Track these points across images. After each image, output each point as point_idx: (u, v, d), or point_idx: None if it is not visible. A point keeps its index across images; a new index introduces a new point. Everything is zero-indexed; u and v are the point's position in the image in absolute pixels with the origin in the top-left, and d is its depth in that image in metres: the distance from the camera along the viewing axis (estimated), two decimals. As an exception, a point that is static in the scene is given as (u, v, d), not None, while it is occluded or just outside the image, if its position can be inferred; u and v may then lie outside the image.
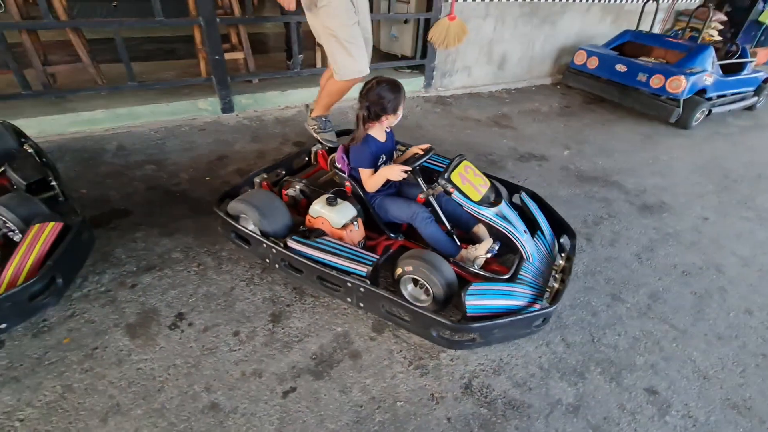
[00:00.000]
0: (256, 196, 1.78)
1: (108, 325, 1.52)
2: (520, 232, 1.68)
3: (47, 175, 1.93)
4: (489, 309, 1.44)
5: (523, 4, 4.10)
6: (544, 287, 1.62)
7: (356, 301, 1.58)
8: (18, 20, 2.57)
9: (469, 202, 1.66)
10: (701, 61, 3.72)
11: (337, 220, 1.72)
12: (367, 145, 1.74)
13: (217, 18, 2.81)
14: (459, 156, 1.74)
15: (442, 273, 1.50)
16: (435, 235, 1.72)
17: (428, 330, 1.45)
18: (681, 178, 2.96)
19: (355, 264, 1.52)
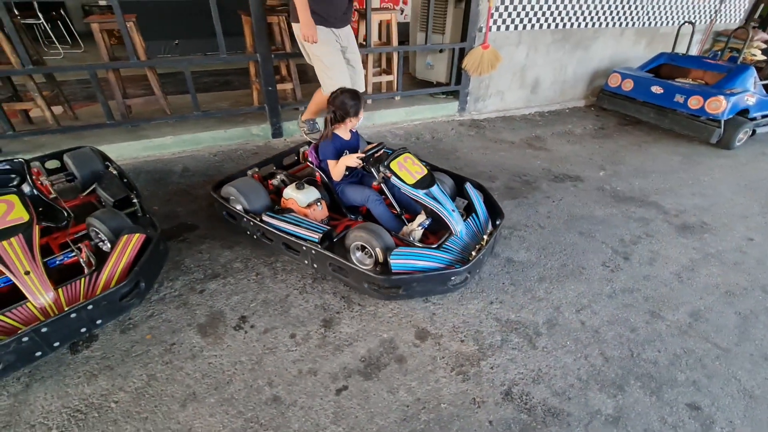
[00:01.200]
0: (243, 183, 2.21)
1: (182, 325, 1.73)
2: (448, 210, 2.01)
3: (130, 194, 2.22)
4: (411, 267, 1.77)
5: (555, 31, 4.24)
6: (467, 257, 1.90)
7: (311, 262, 1.97)
8: (106, 61, 2.98)
9: (404, 185, 2.01)
10: (742, 81, 3.68)
11: (303, 200, 2.12)
12: (332, 141, 2.14)
13: (271, 54, 3.12)
14: (402, 148, 2.16)
15: (382, 239, 1.82)
16: (383, 214, 2.09)
17: (362, 283, 1.82)
18: (723, 198, 2.92)
19: (310, 232, 1.92)
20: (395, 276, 1.75)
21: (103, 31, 3.02)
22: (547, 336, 1.74)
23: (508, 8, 3.84)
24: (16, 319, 1.52)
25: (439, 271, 1.79)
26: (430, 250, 1.86)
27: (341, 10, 2.62)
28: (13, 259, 1.57)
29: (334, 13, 2.59)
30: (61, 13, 6.08)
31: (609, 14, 4.46)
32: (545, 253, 2.25)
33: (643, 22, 4.75)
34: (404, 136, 3.69)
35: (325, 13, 2.54)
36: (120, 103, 3.17)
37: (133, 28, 2.96)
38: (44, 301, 1.57)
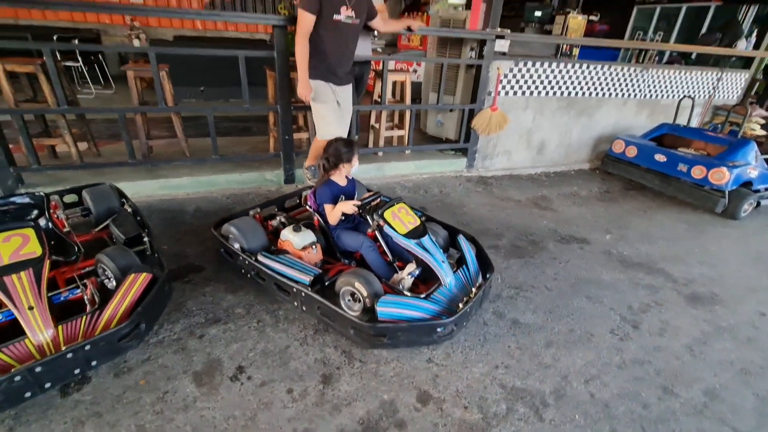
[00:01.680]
0: (242, 222, 2.29)
1: (178, 371, 1.68)
2: (438, 261, 2.04)
3: (141, 232, 2.26)
4: (397, 316, 1.79)
5: (560, 98, 4.46)
6: (454, 309, 1.89)
7: (300, 304, 2.00)
8: (136, 104, 3.16)
9: (396, 234, 2.07)
10: (743, 154, 3.79)
11: (299, 242, 2.18)
12: (328, 186, 2.23)
13: (291, 106, 3.30)
14: (397, 199, 2.26)
15: (371, 285, 1.85)
16: (375, 261, 2.13)
17: (347, 329, 1.84)
18: (732, 269, 2.89)
19: (302, 274, 1.96)
20: (380, 324, 1.76)
21: (136, 77, 3.24)
22: (555, 407, 1.66)
23: (516, 76, 4.07)
24: (12, 356, 1.49)
25: (424, 322, 1.80)
26: (418, 300, 1.88)
27: (344, 70, 2.89)
28: (20, 294, 1.58)
29: (337, 72, 2.82)
30: (99, 57, 6.54)
31: (611, 86, 4.71)
32: (552, 317, 2.21)
33: (645, 94, 4.99)
34: (413, 189, 3.77)
35: (328, 70, 2.79)
36: (143, 144, 3.31)
37: (165, 77, 3.16)
38: (43, 339, 1.55)
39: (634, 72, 4.75)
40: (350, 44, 2.83)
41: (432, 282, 2.07)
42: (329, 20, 2.59)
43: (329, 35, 2.66)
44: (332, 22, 2.61)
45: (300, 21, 2.56)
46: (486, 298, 2.23)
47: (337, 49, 2.74)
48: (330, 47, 2.70)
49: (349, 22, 2.67)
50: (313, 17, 2.55)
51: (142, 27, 7.67)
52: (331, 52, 2.72)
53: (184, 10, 6.76)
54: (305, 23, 2.56)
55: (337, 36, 2.68)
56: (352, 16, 2.66)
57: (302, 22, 2.56)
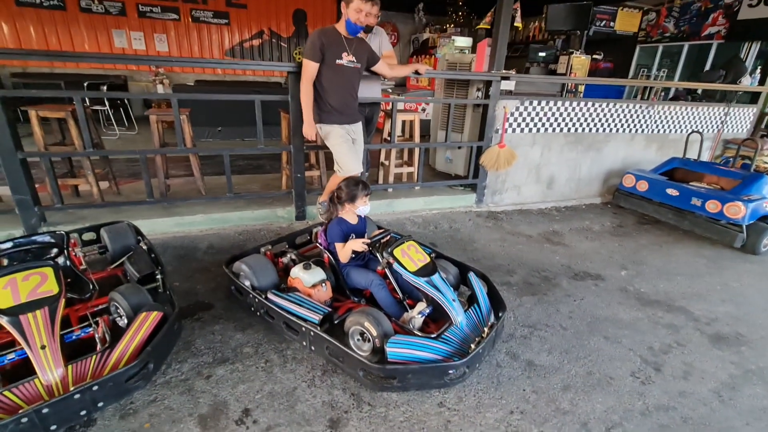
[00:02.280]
0: (253, 260, 2.30)
1: (183, 414, 1.65)
2: (448, 299, 2.00)
3: (155, 270, 2.30)
4: (407, 357, 1.75)
5: (567, 134, 4.52)
6: (467, 349, 1.84)
7: (309, 344, 1.98)
8: (157, 146, 3.31)
9: (405, 272, 2.04)
10: (758, 188, 3.73)
11: (309, 280, 2.17)
12: (338, 224, 2.26)
13: (304, 146, 3.41)
14: (407, 236, 2.26)
15: (381, 325, 1.83)
16: (384, 299, 2.12)
17: (356, 370, 1.79)
18: (757, 308, 2.77)
19: (311, 313, 1.95)
20: (390, 366, 1.72)
21: (158, 121, 3.41)
22: (575, 458, 1.57)
23: (522, 114, 4.17)
24: (21, 396, 1.49)
25: (436, 364, 1.76)
26: (429, 340, 1.84)
27: (352, 109, 3.06)
28: (34, 332, 1.60)
29: (344, 111, 2.99)
30: (125, 101, 6.94)
31: (618, 122, 4.77)
32: (569, 358, 2.13)
33: (652, 129, 5.03)
34: (423, 224, 3.79)
35: (338, 112, 2.96)
36: (161, 183, 3.43)
37: (185, 120, 3.33)
38: (52, 378, 1.55)
39: (640, 108, 4.82)
40: (354, 85, 3.02)
41: (443, 321, 2.04)
42: (332, 65, 2.82)
43: (334, 78, 2.87)
44: (335, 67, 2.83)
45: (305, 69, 2.81)
46: (499, 338, 2.17)
47: (342, 90, 2.93)
48: (335, 88, 2.90)
49: (351, 66, 2.89)
50: (316, 65, 2.79)
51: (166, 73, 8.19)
52: (336, 93, 2.91)
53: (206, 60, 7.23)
54: (309, 71, 2.81)
55: (340, 78, 2.88)
56: (354, 61, 2.88)
57: (306, 70, 2.81)
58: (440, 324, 2.02)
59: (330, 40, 2.77)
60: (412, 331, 1.96)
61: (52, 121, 3.33)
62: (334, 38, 2.79)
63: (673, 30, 8.25)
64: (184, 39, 8.40)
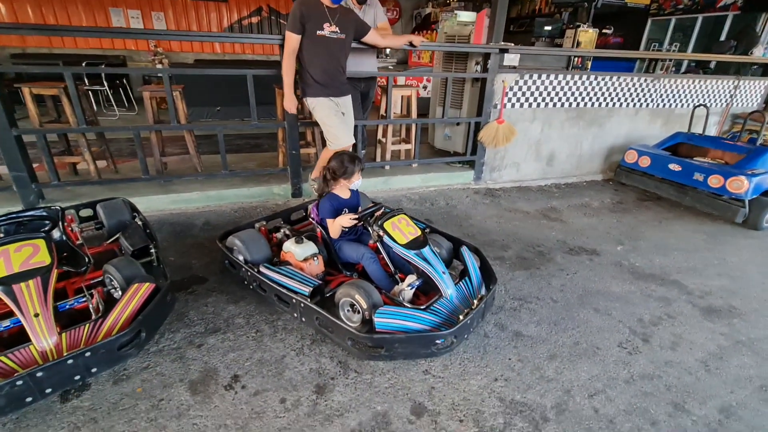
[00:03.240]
0: (246, 234, 2.32)
1: (174, 380, 1.70)
2: (438, 272, 2.01)
3: (149, 244, 2.33)
4: (395, 327, 1.78)
5: (569, 109, 4.43)
6: (455, 321, 1.86)
7: (299, 315, 2.00)
8: (152, 123, 3.31)
9: (395, 245, 2.05)
10: (763, 162, 3.64)
11: (300, 254, 2.19)
12: (329, 200, 2.25)
13: (298, 122, 3.39)
14: (398, 210, 2.25)
15: (371, 296, 1.86)
16: (375, 272, 2.13)
17: (345, 340, 1.82)
18: (754, 282, 2.74)
19: (302, 285, 1.98)
20: (378, 335, 1.76)
21: (152, 98, 3.40)
22: (556, 422, 1.60)
23: (522, 88, 4.08)
24: (16, 361, 1.55)
25: (423, 333, 1.78)
26: (416, 311, 1.86)
27: (339, 81, 3.01)
28: (27, 301, 1.64)
29: (331, 84, 2.95)
30: (123, 81, 6.90)
31: (622, 96, 4.65)
32: (557, 329, 2.14)
33: (657, 103, 4.90)
34: (419, 201, 3.77)
35: (323, 85, 2.92)
36: (157, 160, 3.44)
37: (179, 97, 3.31)
38: (46, 345, 1.60)
39: (645, 82, 4.68)
40: (339, 57, 2.96)
41: (433, 294, 2.05)
42: (314, 36, 2.77)
43: (316, 49, 2.82)
44: (317, 38, 2.78)
45: (286, 41, 2.79)
46: (488, 310, 2.18)
47: (326, 63, 2.88)
48: (319, 61, 2.85)
49: (334, 37, 2.83)
50: (297, 37, 2.76)
51: (165, 52, 8.11)
52: (319, 65, 2.87)
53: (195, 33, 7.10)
54: (290, 43, 2.77)
55: (322, 49, 2.84)
56: (337, 32, 2.82)
57: (288, 42, 2.78)
58: (431, 297, 2.04)
59: (311, 11, 2.71)
60: (402, 303, 1.98)
61: (47, 99, 3.33)
62: (315, 8, 2.73)
63: (687, 2, 7.92)
64: (182, 17, 8.26)
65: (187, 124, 3.42)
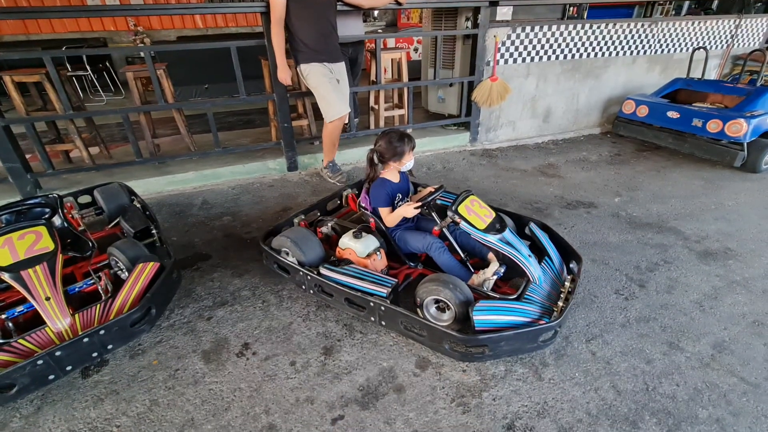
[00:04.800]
0: (296, 233, 2.09)
1: (188, 351, 1.77)
2: (524, 255, 1.85)
3: (149, 225, 2.36)
4: (495, 323, 1.60)
5: (564, 62, 4.31)
6: (551, 307, 1.73)
7: (378, 319, 1.80)
8: (139, 105, 3.26)
9: (475, 231, 1.87)
10: (763, 103, 3.58)
11: (362, 250, 1.97)
12: (382, 186, 2.03)
13: (287, 93, 3.32)
14: (466, 191, 2.01)
15: (461, 291, 1.68)
16: (448, 263, 1.93)
17: (441, 343, 1.64)
18: (750, 223, 2.77)
19: (377, 286, 1.77)
20: (483, 335, 1.56)
21: (137, 79, 3.32)
22: (555, 367, 1.67)
23: (514, 42, 3.95)
24: (34, 342, 1.61)
25: (530, 327, 1.59)
26: (515, 303, 1.69)
27: (332, 46, 2.92)
28: (36, 286, 1.69)
29: (323, 49, 2.87)
30: (107, 64, 6.73)
31: (618, 44, 4.50)
32: (555, 281, 2.19)
33: (655, 49, 4.75)
34: (415, 167, 3.72)
35: (314, 50, 2.83)
36: (149, 143, 3.42)
37: (163, 75, 3.24)
38: (61, 326, 1.66)
39: (642, 27, 4.52)
40: (329, 18, 2.86)
41: (513, 279, 1.93)
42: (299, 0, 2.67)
43: (304, 13, 2.73)
44: (303, 0, 2.68)
45: (272, 8, 2.68)
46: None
47: (315, 26, 2.79)
48: (307, 25, 2.77)
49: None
50: (283, 2, 2.65)
51: (146, 31, 7.84)
52: (309, 29, 2.79)
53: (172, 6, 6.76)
54: (277, 9, 2.67)
55: (310, 13, 2.75)
56: None
57: (274, 9, 2.68)
58: (511, 283, 1.92)
59: None
60: (488, 293, 1.82)
61: (30, 87, 3.27)
62: None
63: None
64: (159, -8, 7.92)
65: (174, 103, 3.36)
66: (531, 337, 1.63)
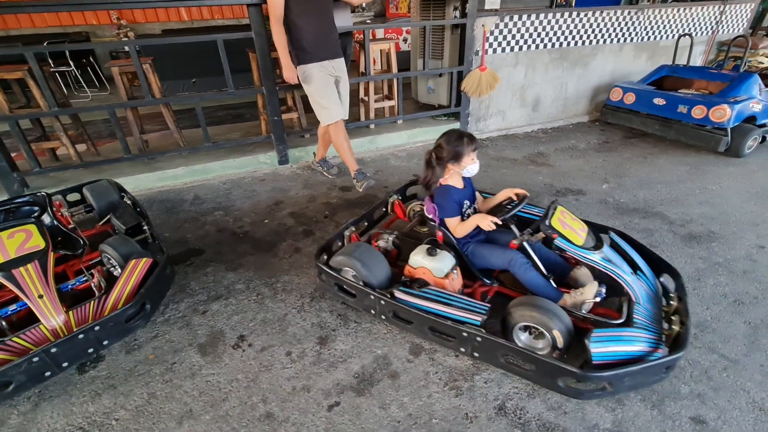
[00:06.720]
0: (358, 250, 1.85)
1: (184, 345, 1.79)
2: (627, 273, 1.65)
3: (141, 222, 2.35)
4: (614, 356, 1.41)
5: (551, 50, 4.33)
6: (660, 331, 1.55)
7: (471, 350, 1.60)
8: (125, 100, 3.22)
9: (573, 247, 1.65)
10: (746, 89, 3.64)
11: (439, 269, 1.75)
12: (448, 194, 1.83)
13: (276, 86, 3.31)
14: (553, 201, 1.79)
15: (560, 318, 1.50)
16: (535, 281, 1.73)
17: (554, 380, 1.44)
18: (733, 207, 2.84)
19: (468, 313, 1.57)
20: (609, 372, 1.35)
21: (123, 73, 3.28)
22: (544, 349, 1.72)
23: (503, 31, 3.96)
24: (29, 340, 1.61)
25: (657, 359, 1.39)
26: (630, 330, 1.49)
27: (332, 41, 2.84)
28: (29, 284, 1.69)
29: (323, 46, 2.79)
30: (90, 60, 6.60)
31: (606, 32, 4.53)
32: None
33: (642, 36, 4.79)
34: (407, 158, 3.78)
35: (314, 48, 2.75)
36: (137, 138, 3.39)
37: (149, 69, 3.20)
38: (55, 323, 1.66)
39: (629, 14, 4.55)
40: (328, 11, 2.81)
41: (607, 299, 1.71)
42: None
43: (303, 8, 2.66)
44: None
45: (270, 7, 2.60)
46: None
47: (315, 21, 2.74)
48: (308, 21, 2.70)
49: None
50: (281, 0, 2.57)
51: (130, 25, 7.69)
52: (309, 25, 2.72)
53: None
54: (275, 8, 2.59)
55: (311, 9, 2.69)
56: None
57: (273, 8, 2.60)
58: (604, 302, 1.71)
59: None
60: (585, 316, 1.62)
61: (13, 84, 3.21)
62: None
63: None
64: (141, -16, 7.74)
65: (161, 98, 3.32)
66: (655, 371, 1.42)
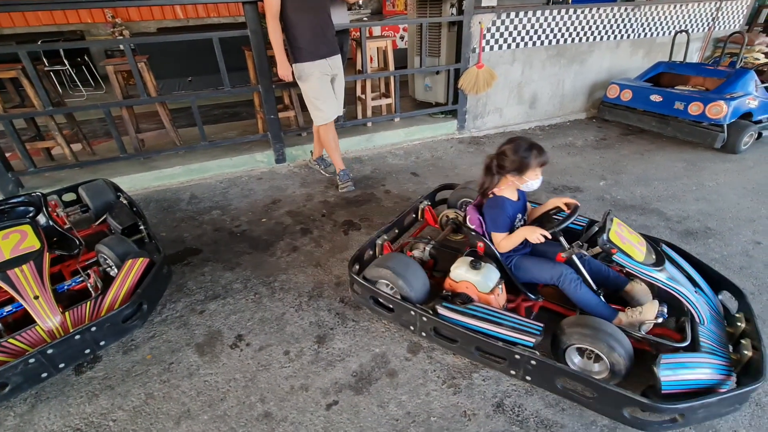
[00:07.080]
0: (395, 261, 1.76)
1: (181, 344, 1.78)
2: (691, 292, 1.53)
3: (137, 222, 2.34)
4: (685, 385, 1.30)
5: (549, 47, 4.32)
6: (728, 355, 1.44)
7: (523, 374, 1.50)
8: (120, 99, 3.20)
9: (635, 264, 1.53)
10: (742, 85, 3.65)
11: (485, 284, 1.64)
12: (502, 207, 1.69)
13: (273, 85, 3.29)
14: (607, 213, 1.66)
15: (622, 344, 1.40)
16: (587, 298, 1.61)
17: (618, 410, 1.32)
18: (729, 203, 2.85)
19: (520, 334, 1.46)
20: (684, 403, 1.24)
21: (118, 72, 3.25)
22: (542, 347, 1.72)
23: (500, 29, 3.95)
24: (25, 341, 1.60)
25: (738, 390, 1.27)
26: (701, 355, 1.39)
27: (328, 39, 2.81)
28: (24, 285, 1.67)
29: (325, 41, 2.77)
30: (85, 58, 6.55)
31: (603, 28, 4.53)
32: (542, 264, 2.23)
33: (638, 33, 4.80)
34: (404, 156, 3.77)
35: (312, 45, 2.72)
36: (133, 138, 3.36)
37: (144, 68, 3.18)
38: (51, 324, 1.65)
39: (626, 11, 4.55)
40: (323, 10, 2.79)
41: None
42: None
43: (299, 6, 2.64)
44: None
45: (267, 2, 2.58)
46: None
47: (311, 17, 2.72)
48: (302, 18, 2.68)
49: None
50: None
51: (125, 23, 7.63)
52: (306, 22, 2.70)
53: None
54: (272, 4, 2.57)
55: (306, 6, 2.67)
56: None
57: (269, 3, 2.57)
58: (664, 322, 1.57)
59: None
60: (645, 337, 1.49)
61: (7, 83, 3.18)
62: None
63: None
64: (136, -18, 7.68)
65: (157, 96, 3.30)
66: (732, 401, 1.29)
